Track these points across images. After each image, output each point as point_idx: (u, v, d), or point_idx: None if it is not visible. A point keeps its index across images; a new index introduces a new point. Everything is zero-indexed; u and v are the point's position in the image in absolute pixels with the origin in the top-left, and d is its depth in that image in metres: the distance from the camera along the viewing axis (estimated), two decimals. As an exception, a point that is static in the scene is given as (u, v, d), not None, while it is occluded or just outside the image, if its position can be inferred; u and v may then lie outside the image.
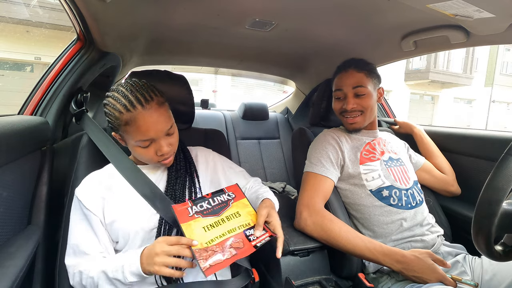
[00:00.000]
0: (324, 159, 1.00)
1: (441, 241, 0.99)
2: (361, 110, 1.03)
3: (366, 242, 0.84)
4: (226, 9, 0.96)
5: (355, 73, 1.02)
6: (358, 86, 1.01)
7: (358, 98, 1.02)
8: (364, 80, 1.02)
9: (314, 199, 0.94)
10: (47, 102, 0.93)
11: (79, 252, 0.69)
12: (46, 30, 5.16)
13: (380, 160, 1.02)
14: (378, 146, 1.07)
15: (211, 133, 1.09)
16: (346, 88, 1.03)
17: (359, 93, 1.01)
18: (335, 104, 1.09)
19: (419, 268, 0.78)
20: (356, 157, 1.03)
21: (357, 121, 1.04)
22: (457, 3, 0.69)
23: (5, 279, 0.59)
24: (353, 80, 1.02)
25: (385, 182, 0.98)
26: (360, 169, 1.00)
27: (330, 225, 0.87)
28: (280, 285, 0.85)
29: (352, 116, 1.04)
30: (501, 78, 13.51)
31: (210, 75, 4.00)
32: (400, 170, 1.03)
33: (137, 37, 1.14)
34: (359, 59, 1.06)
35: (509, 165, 0.52)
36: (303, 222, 0.92)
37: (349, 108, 1.02)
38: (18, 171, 0.75)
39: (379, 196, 0.96)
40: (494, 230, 0.53)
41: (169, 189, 0.78)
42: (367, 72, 1.03)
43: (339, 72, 1.06)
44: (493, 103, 13.51)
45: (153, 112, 0.67)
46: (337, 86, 1.06)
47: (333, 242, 0.86)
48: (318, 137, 1.10)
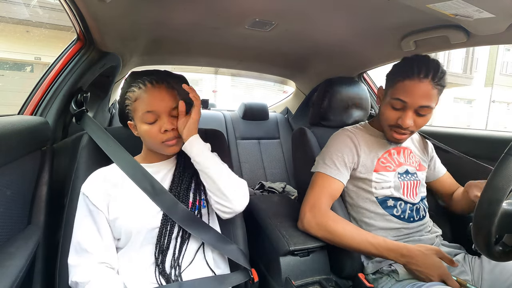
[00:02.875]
0: (338, 161, 0.95)
1: (440, 241, 0.98)
2: (413, 130, 0.91)
3: (370, 238, 0.83)
4: (226, 9, 0.96)
5: (429, 89, 0.83)
6: (425, 106, 0.84)
7: (418, 117, 0.87)
8: (434, 99, 0.85)
9: (320, 201, 0.91)
10: (47, 102, 0.93)
11: (80, 250, 0.70)
12: (46, 30, 5.15)
13: (395, 172, 0.96)
14: (398, 156, 0.99)
15: (211, 133, 1.09)
16: (412, 102, 0.84)
17: (423, 113, 0.86)
18: (389, 112, 0.90)
19: (423, 263, 0.76)
20: (372, 163, 0.96)
21: (404, 138, 0.93)
22: (457, 3, 0.69)
23: (5, 279, 0.59)
24: (424, 98, 0.83)
25: (394, 194, 0.94)
26: (372, 177, 0.95)
27: (334, 226, 0.86)
28: (280, 285, 0.85)
29: (401, 133, 0.91)
30: (501, 78, 13.49)
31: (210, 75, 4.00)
32: (411, 185, 0.97)
33: (137, 37, 1.14)
34: (438, 64, 0.85)
35: (509, 165, 0.52)
36: (306, 223, 0.91)
37: (405, 126, 0.87)
38: (18, 171, 0.75)
39: (384, 205, 0.95)
40: (494, 230, 0.53)
41: (173, 188, 0.79)
42: (441, 88, 0.85)
43: (411, 77, 0.84)
44: (493, 103, 13.50)
45: (161, 90, 0.76)
46: (402, 96, 0.85)
47: (337, 241, 0.86)
48: (336, 136, 1.01)
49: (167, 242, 0.74)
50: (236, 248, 0.82)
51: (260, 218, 1.03)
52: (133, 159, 0.80)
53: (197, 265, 0.77)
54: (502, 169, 0.52)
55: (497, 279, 0.82)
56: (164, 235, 0.74)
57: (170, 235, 0.74)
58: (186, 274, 0.74)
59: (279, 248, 0.88)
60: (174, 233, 0.75)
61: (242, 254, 0.82)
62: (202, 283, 0.72)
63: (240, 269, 0.81)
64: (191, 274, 0.74)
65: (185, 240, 0.77)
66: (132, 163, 0.79)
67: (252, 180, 1.88)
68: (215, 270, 0.79)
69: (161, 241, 0.73)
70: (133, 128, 0.80)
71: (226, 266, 0.84)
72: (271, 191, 1.71)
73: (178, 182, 0.80)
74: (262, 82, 3.95)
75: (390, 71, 0.95)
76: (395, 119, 0.89)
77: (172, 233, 0.75)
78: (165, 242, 0.74)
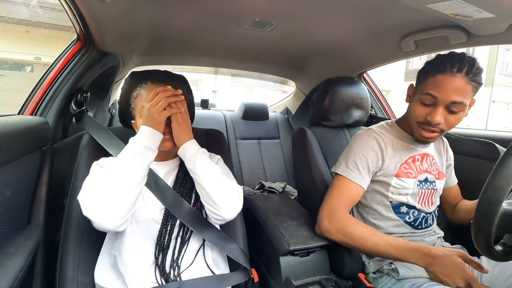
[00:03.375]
0: (362, 165, 0.90)
1: (441, 242, 0.98)
2: (443, 129, 0.84)
3: (391, 241, 0.80)
4: (226, 9, 0.96)
5: (463, 84, 0.77)
6: (457, 102, 0.79)
7: (450, 114, 0.81)
8: (468, 95, 0.79)
9: (339, 207, 0.89)
10: (47, 102, 0.93)
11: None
12: (46, 30, 5.15)
13: (416, 179, 0.92)
14: (421, 163, 0.95)
15: (211, 133, 1.09)
16: (444, 97, 0.79)
17: (455, 109, 0.80)
18: (419, 109, 0.85)
19: (446, 265, 0.71)
20: (395, 168, 0.92)
21: (433, 136, 0.86)
22: (457, 3, 0.69)
23: (5, 279, 0.59)
24: (456, 93, 0.78)
25: (409, 201, 0.92)
26: (392, 182, 0.91)
27: (353, 231, 0.84)
28: (280, 285, 0.85)
29: (430, 130, 0.85)
30: (501, 78, 13.49)
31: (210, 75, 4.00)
32: (429, 194, 0.95)
33: (137, 37, 1.14)
34: (474, 60, 0.79)
35: (509, 165, 0.52)
36: (324, 229, 0.89)
37: (435, 122, 0.81)
38: (18, 171, 0.75)
39: (397, 211, 0.93)
40: (494, 230, 0.53)
41: (176, 187, 0.80)
42: (476, 85, 0.79)
43: (443, 72, 0.79)
44: (493, 103, 13.49)
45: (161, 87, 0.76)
46: (432, 90, 0.80)
47: (357, 245, 0.84)
48: (361, 137, 0.95)
49: (167, 241, 0.74)
50: (236, 247, 0.82)
51: (260, 218, 1.03)
52: None
53: (197, 265, 0.77)
54: (502, 169, 0.52)
55: (496, 280, 0.82)
56: (164, 234, 0.74)
57: (170, 234, 0.75)
58: (185, 274, 0.74)
59: (279, 247, 0.88)
60: (174, 233, 0.76)
61: (242, 253, 0.82)
62: (202, 282, 0.73)
63: (240, 269, 0.81)
64: (191, 274, 0.74)
65: (185, 241, 0.77)
66: None
67: (252, 180, 1.88)
68: (215, 270, 0.79)
69: (161, 240, 0.74)
70: (135, 127, 0.82)
71: (226, 267, 0.84)
72: (271, 191, 1.71)
73: (181, 183, 0.81)
74: (262, 82, 3.96)
75: (421, 69, 0.88)
76: (425, 115, 0.83)
77: (172, 232, 0.75)
78: (165, 242, 0.74)
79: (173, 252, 0.75)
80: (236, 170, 1.84)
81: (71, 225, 0.76)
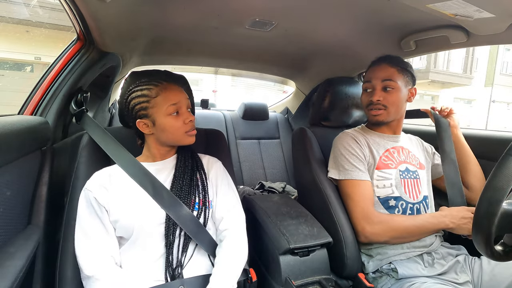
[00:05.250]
0: (356, 161, 0.98)
1: (440, 242, 0.98)
2: (386, 105, 1.00)
3: (429, 218, 0.90)
4: (226, 9, 0.97)
5: (387, 68, 1.00)
6: (387, 79, 0.99)
7: (386, 92, 1.00)
8: (395, 75, 0.99)
9: (368, 208, 0.93)
10: (47, 102, 0.93)
11: (85, 238, 0.72)
12: (46, 30, 5.15)
13: (396, 169, 0.99)
14: (398, 155, 1.03)
15: (211, 133, 1.09)
16: (375, 80, 1.01)
17: (388, 86, 0.99)
18: (363, 96, 1.07)
19: (456, 212, 0.89)
20: (374, 160, 1.00)
21: (380, 113, 1.01)
22: (457, 3, 0.69)
23: (5, 279, 0.59)
24: (384, 74, 1.00)
25: (395, 192, 0.96)
26: (374, 175, 0.98)
27: (397, 226, 0.89)
28: (280, 285, 0.85)
29: (376, 108, 1.01)
30: (501, 78, 13.49)
31: (210, 75, 4.00)
32: (412, 183, 0.99)
33: (137, 37, 1.14)
34: (396, 56, 1.04)
35: (509, 165, 0.52)
36: (370, 235, 0.91)
37: (375, 100, 1.00)
38: (18, 171, 0.75)
39: (386, 205, 0.96)
40: (494, 230, 0.53)
41: (174, 185, 0.79)
42: (400, 68, 1.00)
43: (372, 66, 1.05)
44: (493, 103, 13.50)
45: (176, 85, 0.81)
46: (367, 78, 1.04)
47: (406, 236, 0.91)
48: (340, 139, 1.06)
49: (172, 238, 0.75)
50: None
51: (260, 217, 1.03)
52: (133, 158, 0.80)
53: (198, 261, 0.78)
54: (502, 169, 0.52)
55: (496, 280, 0.82)
56: (169, 232, 0.75)
57: (174, 233, 0.76)
58: (187, 270, 0.75)
59: (279, 246, 0.88)
60: (177, 231, 0.76)
61: None
62: (202, 281, 0.74)
63: None
64: (192, 271, 0.75)
65: (189, 238, 0.77)
66: (133, 162, 0.79)
67: (252, 180, 1.88)
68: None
69: (168, 237, 0.75)
70: (144, 126, 0.79)
71: None
72: (271, 191, 1.71)
73: (180, 178, 0.81)
74: (262, 82, 3.96)
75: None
76: (369, 99, 1.03)
77: (176, 228, 0.76)
78: (171, 238, 0.75)
79: (178, 249, 0.76)
80: (236, 170, 1.84)
81: (71, 225, 0.76)
